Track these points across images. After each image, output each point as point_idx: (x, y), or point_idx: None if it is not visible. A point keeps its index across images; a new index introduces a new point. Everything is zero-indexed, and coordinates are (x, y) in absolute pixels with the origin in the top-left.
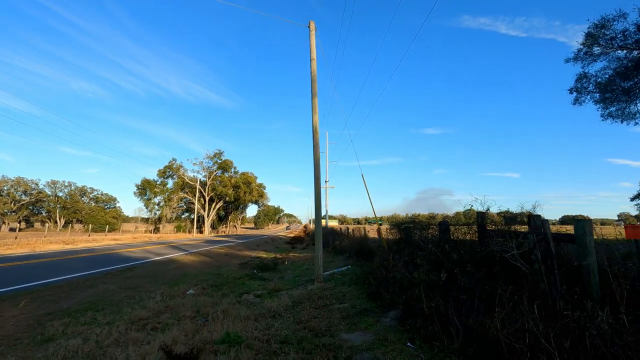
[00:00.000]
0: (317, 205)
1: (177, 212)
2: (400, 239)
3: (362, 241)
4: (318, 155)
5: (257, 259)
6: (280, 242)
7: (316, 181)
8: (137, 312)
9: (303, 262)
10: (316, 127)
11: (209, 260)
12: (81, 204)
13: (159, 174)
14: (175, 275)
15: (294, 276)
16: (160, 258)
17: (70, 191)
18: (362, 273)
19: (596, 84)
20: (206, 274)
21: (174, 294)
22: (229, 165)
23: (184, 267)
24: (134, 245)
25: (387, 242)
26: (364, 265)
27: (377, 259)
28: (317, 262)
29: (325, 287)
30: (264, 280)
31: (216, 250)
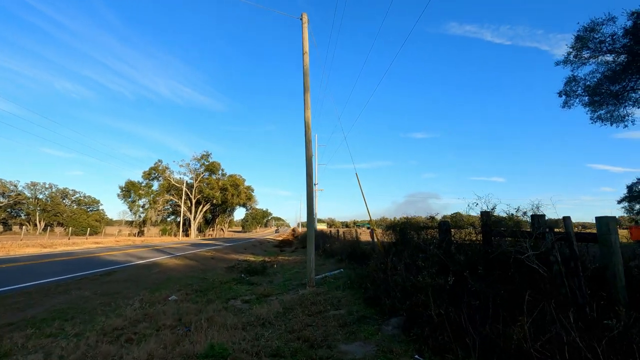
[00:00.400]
0: (309, 206)
1: (162, 215)
2: (396, 240)
3: (353, 244)
4: (310, 153)
5: (245, 263)
6: (268, 245)
7: (308, 180)
8: (112, 321)
9: (292, 265)
10: (308, 123)
11: (195, 264)
12: (62, 207)
13: (144, 175)
14: (157, 280)
15: (284, 280)
16: (143, 262)
17: (51, 193)
18: (357, 277)
19: (585, 87)
20: (191, 278)
21: (154, 300)
22: (216, 167)
23: (168, 271)
24: (116, 249)
25: (382, 244)
26: (357, 268)
27: (373, 261)
28: (309, 265)
29: (318, 291)
30: (253, 285)
31: (202, 254)
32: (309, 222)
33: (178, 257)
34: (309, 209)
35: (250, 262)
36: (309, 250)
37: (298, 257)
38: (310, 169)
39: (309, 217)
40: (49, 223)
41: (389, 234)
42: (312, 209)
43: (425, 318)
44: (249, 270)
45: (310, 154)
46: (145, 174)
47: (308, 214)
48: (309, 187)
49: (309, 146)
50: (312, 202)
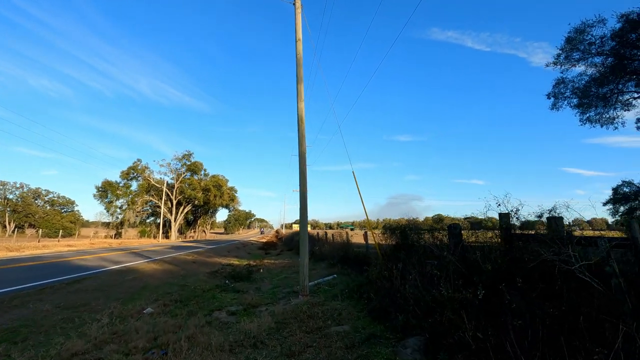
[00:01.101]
0: (303, 206)
1: (141, 216)
2: (398, 244)
3: (345, 247)
4: (304, 148)
5: (229, 267)
6: (252, 247)
7: (302, 177)
8: (72, 343)
9: (280, 269)
10: (302, 116)
11: (174, 269)
12: (34, 207)
13: (122, 175)
14: (132, 288)
15: (273, 287)
16: (118, 267)
17: (22, 193)
18: (356, 285)
19: (573, 89)
20: (170, 286)
21: (127, 314)
22: (198, 167)
23: (144, 278)
24: (89, 252)
25: (380, 248)
26: (353, 274)
27: (374, 268)
28: (302, 271)
29: (313, 301)
30: (238, 293)
31: (183, 257)
32: (303, 224)
33: (156, 261)
34: (302, 209)
35: (235, 267)
36: (302, 255)
37: (285, 261)
38: (303, 166)
39: (302, 218)
40: (20, 225)
41: (388, 237)
42: (305, 210)
43: (454, 340)
44: (234, 275)
45: (304, 150)
46: (124, 174)
47: (301, 214)
48: (303, 185)
49: (302, 141)
50: (305, 203)
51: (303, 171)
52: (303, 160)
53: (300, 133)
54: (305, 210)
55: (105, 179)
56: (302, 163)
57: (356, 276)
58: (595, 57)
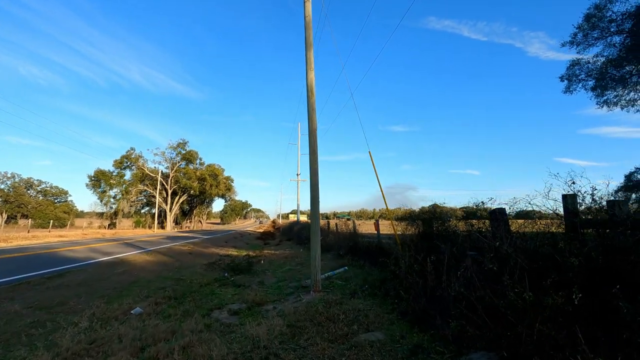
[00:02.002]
0: (314, 190)
1: (136, 206)
2: (425, 233)
3: (352, 237)
4: (315, 124)
5: (227, 258)
6: (250, 237)
7: (312, 159)
8: (36, 356)
9: (282, 261)
10: (312, 87)
11: (169, 261)
12: (27, 198)
13: (115, 164)
14: (121, 283)
15: (277, 280)
16: (108, 258)
17: (14, 183)
18: (377, 280)
19: (589, 70)
20: (164, 280)
21: (111, 315)
22: (194, 156)
23: (136, 271)
24: (80, 243)
25: (400, 238)
26: (366, 266)
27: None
28: (313, 264)
29: (328, 298)
30: (239, 287)
31: (178, 248)
32: (314, 211)
33: (150, 252)
34: (313, 193)
35: (234, 258)
36: (314, 246)
37: (286, 251)
38: (314, 145)
39: (314, 205)
40: (12, 215)
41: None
42: (317, 194)
43: None
44: (233, 267)
45: (314, 126)
46: (117, 163)
47: (312, 201)
48: (313, 167)
49: (312, 116)
50: (317, 187)
51: (314, 150)
52: (314, 138)
53: (311, 107)
54: (316, 194)
55: (98, 168)
56: (313, 142)
57: (370, 269)
58: (615, 36)
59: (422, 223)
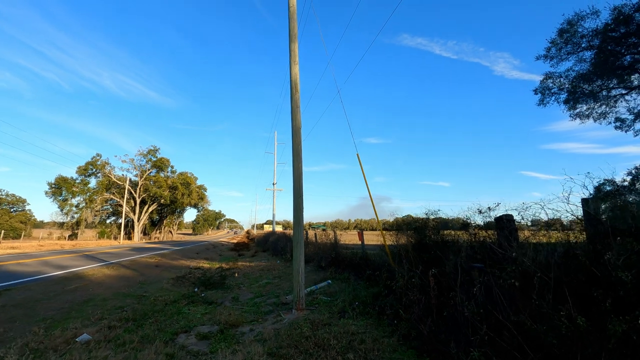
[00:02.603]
0: (297, 196)
1: (101, 216)
2: (421, 243)
3: (334, 248)
4: (299, 122)
5: (198, 271)
6: (223, 248)
7: (296, 160)
8: None
9: (258, 273)
10: (296, 82)
11: (132, 275)
12: None
13: (79, 171)
14: (70, 302)
15: (254, 296)
16: (60, 273)
17: None
18: (369, 295)
19: (560, 84)
20: (123, 297)
21: (49, 346)
22: (165, 163)
23: (92, 287)
24: (32, 256)
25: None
26: (351, 280)
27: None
28: (297, 278)
29: (314, 318)
30: (211, 305)
31: (144, 260)
32: (297, 218)
33: (111, 265)
34: (296, 198)
35: (205, 270)
36: (297, 258)
37: (262, 263)
38: (298, 145)
39: (297, 212)
40: None
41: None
42: (300, 201)
43: None
44: (205, 281)
45: (298, 124)
46: (81, 170)
47: (295, 205)
48: (297, 171)
49: (296, 113)
50: (300, 192)
51: (298, 152)
52: (298, 137)
53: (294, 103)
54: (300, 201)
55: (59, 175)
56: (297, 142)
57: (357, 282)
58: (586, 52)
59: (414, 232)
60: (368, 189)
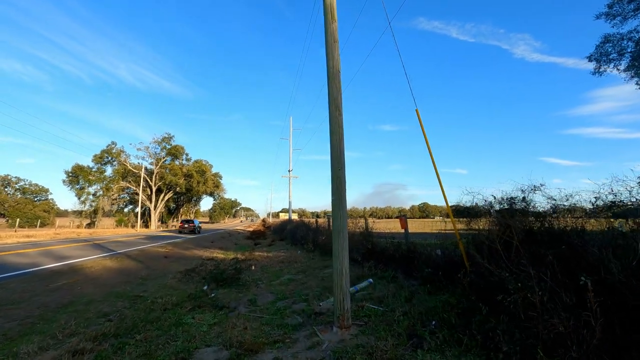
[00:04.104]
0: (337, 166)
1: (118, 204)
2: (529, 232)
3: (367, 238)
4: (337, 63)
5: (211, 262)
6: (239, 237)
7: (334, 113)
8: None
9: (278, 266)
10: (332, 6)
11: (135, 267)
12: (4, 196)
13: (95, 159)
14: (45, 308)
15: (276, 298)
16: (55, 265)
17: None
18: (450, 307)
19: (620, 49)
20: (115, 298)
21: None
22: (179, 151)
23: (82, 284)
24: (41, 244)
25: (462, 244)
26: (400, 279)
27: (509, 282)
28: (338, 282)
29: (371, 345)
30: (222, 311)
31: (154, 250)
32: (337, 197)
33: (117, 255)
34: (336, 170)
35: (219, 262)
36: (339, 254)
37: (280, 253)
38: (336, 95)
39: (338, 186)
40: None
41: (467, 224)
42: (341, 166)
43: None
44: (216, 276)
45: (336, 66)
46: (97, 158)
47: (336, 180)
48: (336, 130)
49: (333, 50)
50: (341, 156)
51: (337, 104)
52: (335, 83)
53: (330, 36)
54: (341, 172)
55: (76, 163)
56: (334, 89)
57: (408, 282)
58: None
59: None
60: (430, 152)
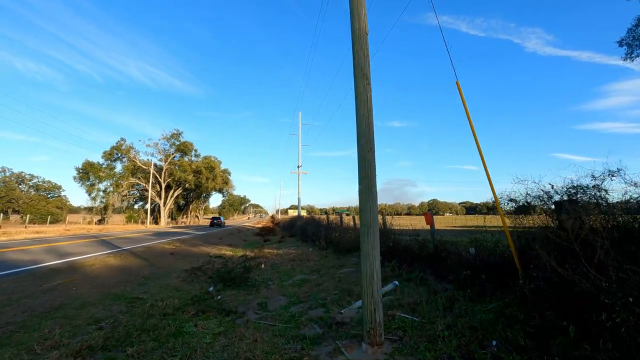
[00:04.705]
0: (365, 148)
1: (128, 201)
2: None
3: (386, 235)
4: (364, 24)
5: (219, 260)
6: (248, 233)
7: (360, 83)
8: None
9: (289, 264)
10: None
11: (139, 265)
12: (18, 192)
13: (105, 155)
14: (30, 312)
15: (289, 302)
16: (55, 263)
17: (4, 177)
18: (502, 324)
19: None
20: (112, 301)
21: None
22: (188, 147)
23: (78, 284)
24: (47, 241)
25: (514, 245)
26: (429, 282)
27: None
28: (367, 288)
29: None
30: (228, 317)
31: (160, 247)
32: (366, 186)
33: (121, 253)
34: (363, 152)
35: (227, 259)
36: (368, 253)
37: (291, 251)
38: (364, 60)
39: (366, 172)
40: (3, 210)
41: (515, 220)
42: (370, 148)
43: None
44: (224, 275)
45: (363, 27)
46: (106, 154)
47: (363, 165)
48: (363, 104)
49: (359, 8)
50: (369, 134)
51: (364, 71)
52: (362, 46)
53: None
54: (369, 155)
55: (86, 160)
56: (361, 54)
57: (440, 285)
58: None
59: None
60: (472, 127)
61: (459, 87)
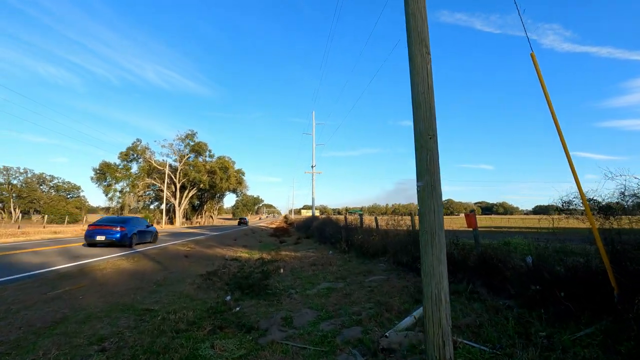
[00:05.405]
0: (423, 133)
1: (144, 201)
2: None
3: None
4: None
5: (235, 263)
6: (262, 234)
7: (417, 53)
8: None
9: (310, 270)
10: None
11: (152, 269)
12: (39, 193)
13: (121, 156)
14: (26, 329)
15: (317, 317)
16: (66, 267)
17: (26, 179)
18: None
19: None
20: (120, 313)
21: None
22: (203, 148)
23: (86, 292)
24: (62, 241)
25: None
26: (484, 297)
27: None
28: (432, 314)
29: None
30: (250, 335)
31: (174, 249)
32: (430, 183)
33: (134, 255)
34: (421, 137)
35: (243, 262)
36: (430, 268)
37: (310, 253)
38: (421, 27)
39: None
40: (25, 210)
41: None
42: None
43: None
44: (241, 281)
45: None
46: (123, 155)
47: (422, 153)
48: (421, 82)
49: None
50: (431, 119)
51: (423, 36)
52: (420, 8)
53: None
54: (431, 142)
55: (103, 161)
56: (418, 16)
57: (498, 302)
58: None
59: None
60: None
61: (534, 59)
